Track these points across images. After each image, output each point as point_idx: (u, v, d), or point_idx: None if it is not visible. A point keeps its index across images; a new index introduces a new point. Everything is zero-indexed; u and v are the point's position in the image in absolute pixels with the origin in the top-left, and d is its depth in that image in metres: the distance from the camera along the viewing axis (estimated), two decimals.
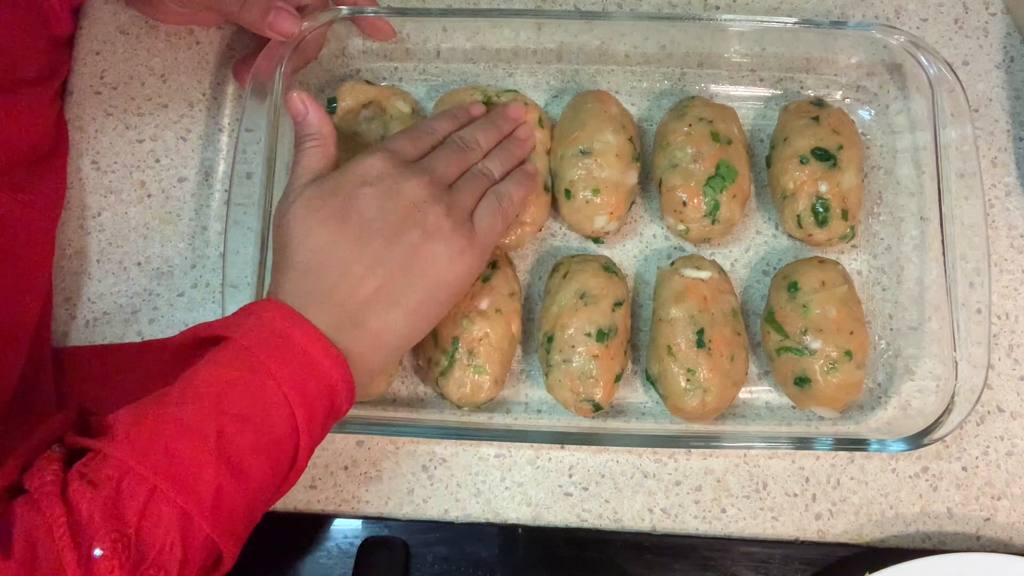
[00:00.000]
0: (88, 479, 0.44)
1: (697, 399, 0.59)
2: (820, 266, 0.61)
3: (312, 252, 0.52)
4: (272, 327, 0.50)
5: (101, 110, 0.68)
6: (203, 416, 0.47)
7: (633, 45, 0.68)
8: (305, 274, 0.52)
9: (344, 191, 0.54)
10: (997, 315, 0.65)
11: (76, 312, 0.65)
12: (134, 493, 0.44)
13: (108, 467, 0.45)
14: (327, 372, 0.50)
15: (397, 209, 0.53)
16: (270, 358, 0.48)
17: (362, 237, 0.53)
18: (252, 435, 0.47)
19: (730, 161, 0.62)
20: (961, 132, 0.61)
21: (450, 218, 0.55)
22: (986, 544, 0.61)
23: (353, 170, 0.55)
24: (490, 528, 0.61)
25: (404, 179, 0.54)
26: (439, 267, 0.54)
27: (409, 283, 0.53)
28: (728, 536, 0.61)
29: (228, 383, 0.48)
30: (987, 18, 0.70)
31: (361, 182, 0.54)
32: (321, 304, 0.51)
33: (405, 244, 0.53)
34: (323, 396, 0.50)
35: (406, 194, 0.54)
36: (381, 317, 0.53)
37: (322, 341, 0.50)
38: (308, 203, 0.54)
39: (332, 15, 0.64)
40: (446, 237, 0.54)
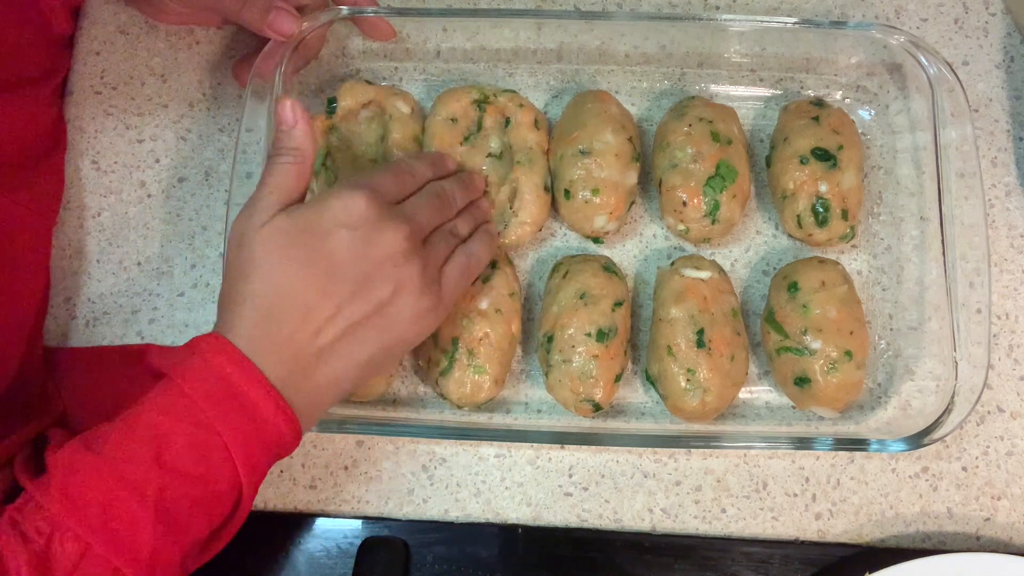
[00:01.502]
0: (20, 530, 0.44)
1: (697, 399, 0.59)
2: (820, 266, 0.61)
3: (274, 293, 0.49)
4: (221, 375, 0.47)
5: (101, 110, 0.68)
6: (142, 470, 0.45)
7: (633, 45, 0.68)
8: (264, 316, 0.49)
9: (319, 230, 0.50)
10: (997, 315, 0.65)
11: (76, 312, 0.65)
12: (66, 551, 0.43)
13: (41, 519, 0.44)
14: (276, 428, 0.48)
15: (372, 258, 0.50)
16: (216, 412, 0.47)
17: (330, 285, 0.49)
18: (192, 491, 0.46)
19: (730, 161, 0.62)
20: (961, 132, 0.61)
21: (423, 276, 0.52)
22: (986, 544, 0.61)
23: (332, 206, 0.51)
24: (490, 528, 0.61)
25: (384, 227, 0.51)
26: (402, 325, 0.52)
27: (368, 338, 0.51)
28: (728, 536, 0.61)
29: (170, 434, 0.46)
30: (987, 18, 0.70)
31: (339, 223, 0.50)
32: (275, 353, 0.49)
33: (373, 298, 0.50)
34: (269, 451, 0.48)
35: (384, 244, 0.51)
36: (332, 370, 0.50)
37: (273, 395, 0.48)
38: (277, 235, 0.50)
39: (332, 15, 0.64)
40: (415, 295, 0.52)
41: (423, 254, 0.53)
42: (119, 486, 0.45)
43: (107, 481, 0.45)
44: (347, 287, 0.50)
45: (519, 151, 0.64)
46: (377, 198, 0.52)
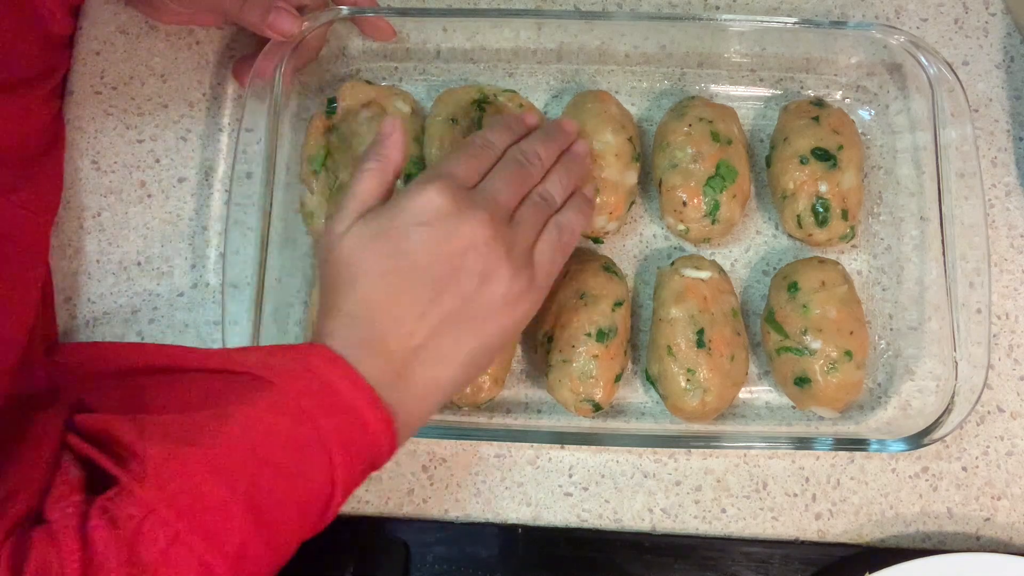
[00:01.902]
0: (110, 516, 0.43)
1: (697, 399, 0.59)
2: (820, 266, 0.61)
3: (361, 299, 0.49)
4: (320, 376, 0.47)
5: (101, 110, 0.68)
6: (237, 461, 0.45)
7: (633, 45, 0.68)
8: (354, 321, 0.49)
9: (397, 231, 0.49)
10: (997, 315, 0.65)
11: (76, 312, 0.65)
12: (155, 537, 0.43)
13: (132, 505, 0.43)
14: (373, 430, 0.47)
15: (453, 253, 0.49)
16: (316, 409, 0.46)
17: (413, 286, 0.49)
18: (286, 487, 0.45)
19: (730, 161, 0.62)
20: (961, 132, 0.61)
21: (510, 260, 0.50)
22: (986, 544, 0.61)
23: (408, 206, 0.50)
24: (490, 528, 0.61)
25: (463, 218, 0.49)
26: (494, 314, 0.50)
27: (461, 334, 0.50)
28: (728, 536, 0.61)
29: (268, 430, 0.45)
30: (987, 18, 0.70)
31: (416, 221, 0.49)
32: (370, 356, 0.48)
33: (459, 292, 0.49)
34: (365, 453, 0.47)
35: (464, 236, 0.49)
36: (429, 371, 0.49)
37: (371, 395, 0.47)
38: (360, 241, 0.50)
39: (332, 15, 0.64)
40: (505, 282, 0.50)
41: (508, 237, 0.51)
42: (213, 474, 0.44)
43: (202, 469, 0.44)
44: (430, 285, 0.49)
45: None
46: (450, 188, 0.50)
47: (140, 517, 0.43)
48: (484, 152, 0.54)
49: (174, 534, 0.43)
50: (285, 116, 0.64)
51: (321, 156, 0.64)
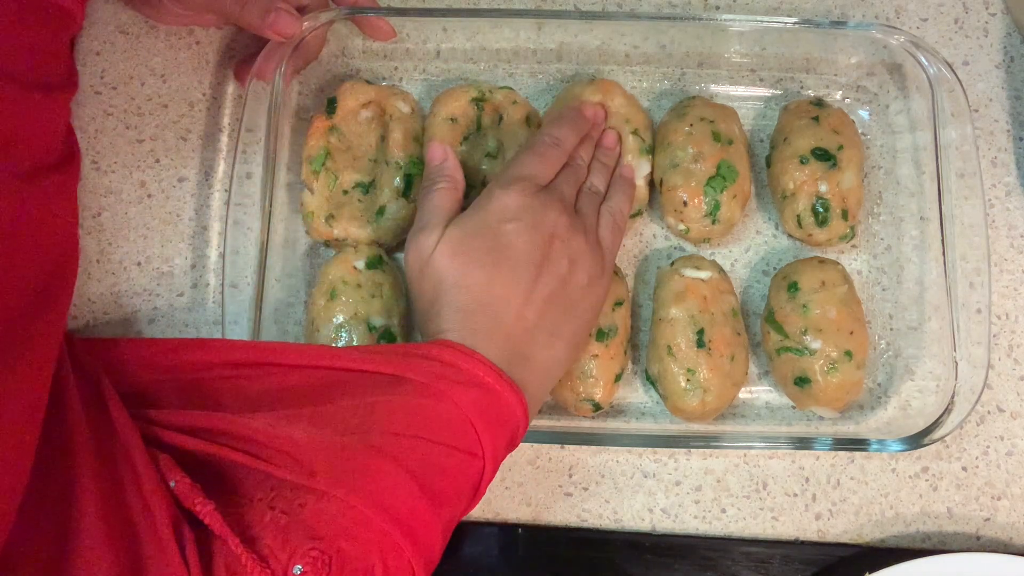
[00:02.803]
0: (281, 510, 0.44)
1: (697, 399, 0.59)
2: (820, 266, 0.61)
3: (470, 292, 0.53)
4: (449, 362, 0.50)
5: (101, 110, 0.69)
6: (392, 438, 0.46)
7: (633, 45, 0.68)
8: (469, 313, 0.52)
9: (490, 229, 0.54)
10: (997, 315, 0.65)
11: (76, 312, 0.65)
12: (333, 514, 0.44)
13: (303, 495, 0.44)
14: (508, 401, 0.50)
15: (542, 241, 0.54)
16: (453, 388, 0.48)
17: (515, 272, 0.53)
18: (444, 461, 0.47)
19: (731, 161, 0.62)
20: (961, 132, 0.61)
21: (587, 244, 0.56)
22: (986, 544, 0.61)
23: (493, 208, 0.55)
24: (490, 528, 0.61)
25: (544, 209, 0.55)
26: (585, 294, 0.56)
27: (563, 312, 0.55)
28: (728, 536, 0.61)
29: (412, 410, 0.47)
30: (987, 18, 0.70)
31: (504, 218, 0.54)
32: (490, 340, 0.52)
33: (555, 275, 0.54)
34: (504, 425, 0.50)
35: (548, 224, 0.55)
36: (545, 349, 0.54)
37: (499, 373, 0.50)
38: (455, 244, 0.54)
39: (332, 15, 0.64)
40: (588, 263, 0.56)
41: (580, 225, 0.57)
42: (374, 454, 0.45)
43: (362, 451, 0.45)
44: (530, 271, 0.54)
45: (510, 148, 0.64)
46: (528, 188, 0.55)
47: (313, 504, 0.44)
48: (554, 152, 0.59)
49: (350, 508, 0.44)
50: (285, 116, 0.64)
51: (321, 156, 0.64)
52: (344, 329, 0.60)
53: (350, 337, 0.60)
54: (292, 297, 0.65)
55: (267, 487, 0.45)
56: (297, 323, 0.64)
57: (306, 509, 0.44)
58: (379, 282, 0.62)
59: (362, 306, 0.60)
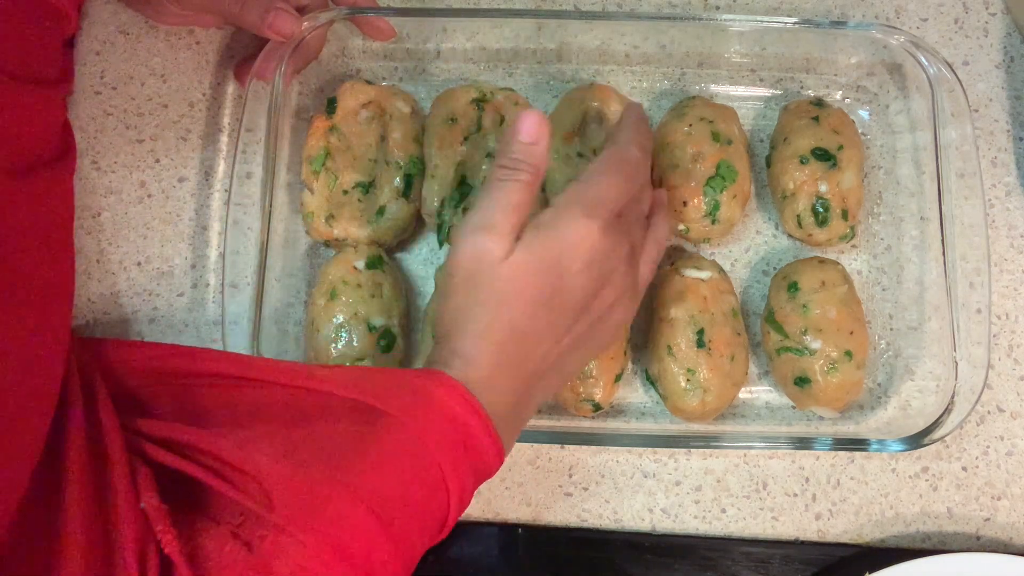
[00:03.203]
0: (243, 540, 0.43)
1: (697, 399, 0.59)
2: (820, 266, 0.61)
3: (509, 324, 0.49)
4: (438, 403, 0.47)
5: (101, 110, 0.69)
6: (358, 474, 0.45)
7: (633, 45, 0.68)
8: (501, 349, 0.49)
9: (560, 269, 0.50)
10: (997, 315, 0.65)
11: (76, 312, 0.65)
12: (289, 552, 0.43)
13: (262, 527, 0.44)
14: (487, 456, 0.48)
15: (598, 288, 0.52)
16: (429, 433, 0.46)
17: (561, 316, 0.51)
18: (407, 498, 0.46)
19: (731, 161, 0.62)
20: (961, 132, 0.61)
21: (634, 286, 0.54)
22: (986, 544, 0.61)
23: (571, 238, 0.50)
24: (490, 528, 0.61)
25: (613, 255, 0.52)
26: (612, 329, 0.54)
27: (582, 350, 0.53)
28: (728, 536, 0.61)
29: (385, 448, 0.46)
30: (987, 18, 0.70)
31: (576, 258, 0.50)
32: (509, 383, 0.50)
33: (590, 318, 0.52)
34: (478, 475, 0.49)
35: (608, 271, 0.52)
36: (547, 384, 0.52)
37: (489, 429, 0.48)
38: (520, 269, 0.49)
39: (332, 15, 0.64)
40: (627, 306, 0.54)
41: (634, 264, 0.54)
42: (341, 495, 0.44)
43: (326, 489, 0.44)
44: (575, 315, 0.51)
45: None
46: (608, 219, 0.51)
47: (272, 537, 0.43)
48: (639, 173, 0.55)
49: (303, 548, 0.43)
50: (285, 116, 0.64)
51: (321, 156, 0.64)
52: (344, 329, 0.60)
53: (350, 337, 0.60)
54: (292, 297, 0.65)
55: (236, 511, 0.45)
56: (297, 323, 0.64)
57: (265, 542, 0.43)
58: (379, 282, 0.61)
59: (362, 306, 0.60)
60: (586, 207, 0.51)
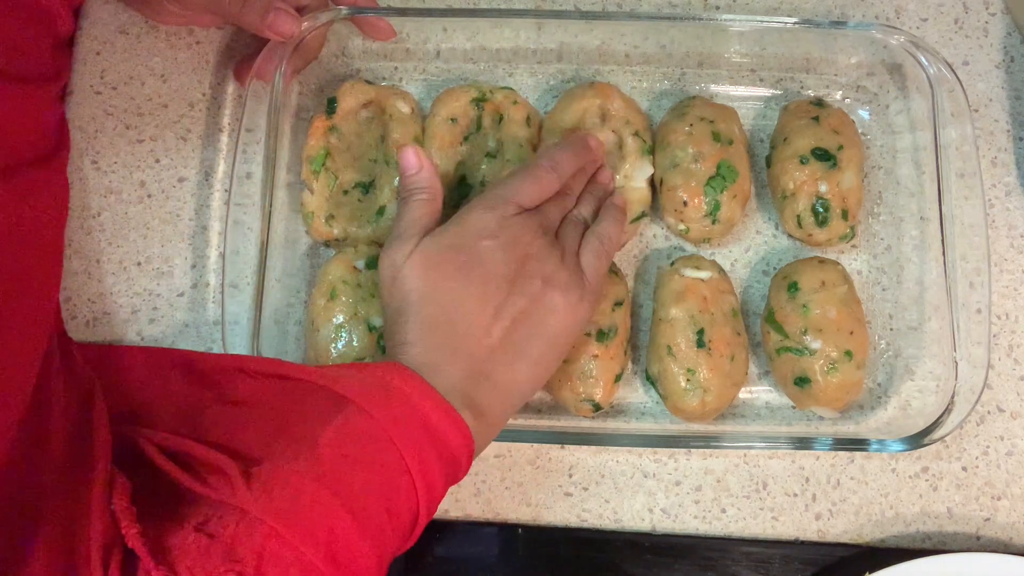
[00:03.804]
0: (207, 532, 0.44)
1: (697, 399, 0.59)
2: (820, 266, 0.61)
3: (439, 306, 0.52)
4: (400, 397, 0.49)
5: (101, 110, 0.68)
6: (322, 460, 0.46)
7: (633, 45, 0.68)
8: (433, 328, 0.52)
9: (465, 245, 0.54)
10: (997, 315, 0.65)
11: (76, 312, 0.65)
12: (253, 536, 0.44)
13: (228, 516, 0.45)
14: (454, 449, 0.49)
15: (516, 260, 0.54)
16: (398, 430, 0.48)
17: (486, 290, 0.53)
18: (372, 482, 0.47)
19: (731, 161, 0.62)
20: (961, 132, 0.61)
21: (565, 267, 0.55)
22: (986, 544, 0.61)
23: (472, 224, 0.54)
24: (490, 528, 0.61)
25: (521, 230, 0.55)
26: (558, 316, 0.54)
27: (531, 333, 0.54)
28: (728, 536, 0.61)
29: (347, 433, 0.47)
30: (987, 18, 0.70)
31: (481, 235, 0.54)
32: (452, 358, 0.51)
33: (526, 294, 0.54)
34: (442, 459, 0.49)
35: (523, 244, 0.54)
36: (508, 369, 0.53)
37: (445, 408, 0.49)
38: (429, 258, 0.53)
39: (332, 15, 0.64)
40: (563, 286, 0.55)
41: (559, 246, 0.56)
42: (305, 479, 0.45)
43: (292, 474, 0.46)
44: (501, 286, 0.53)
45: (510, 148, 0.64)
46: (511, 208, 0.55)
47: (234, 526, 0.44)
48: (549, 177, 0.58)
49: (264, 528, 0.44)
50: (285, 116, 0.64)
51: (321, 156, 0.64)
52: (344, 329, 0.60)
53: (350, 337, 0.60)
54: (292, 297, 0.65)
55: (201, 511, 0.46)
56: (297, 323, 0.64)
57: (228, 531, 0.44)
58: (379, 282, 0.61)
59: (362, 306, 0.60)
60: (486, 200, 0.56)
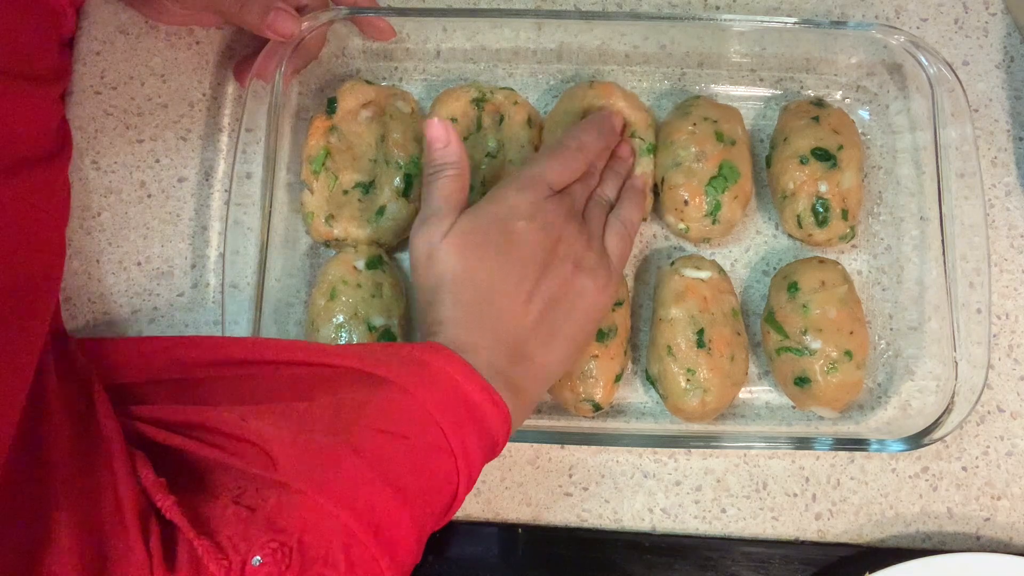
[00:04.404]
0: (245, 505, 0.44)
1: (697, 399, 0.59)
2: (820, 266, 0.61)
3: (476, 286, 0.53)
4: (439, 375, 0.49)
5: (101, 110, 0.68)
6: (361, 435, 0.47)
7: (633, 45, 0.68)
8: (471, 307, 0.53)
9: (501, 225, 0.54)
10: (997, 315, 0.65)
11: (76, 312, 0.65)
12: (295, 508, 0.44)
13: (267, 490, 0.45)
14: (486, 413, 0.49)
15: (550, 243, 0.55)
16: (428, 394, 0.48)
17: (522, 270, 0.54)
18: (412, 456, 0.47)
19: (733, 162, 0.62)
20: (961, 132, 0.61)
21: (592, 250, 0.57)
22: (986, 544, 0.61)
23: (507, 205, 0.55)
24: (490, 528, 0.61)
25: (554, 213, 0.56)
26: (587, 299, 0.56)
27: (564, 314, 0.55)
28: (728, 536, 0.61)
29: (386, 410, 0.48)
30: (987, 18, 0.70)
31: (516, 215, 0.55)
32: (491, 337, 0.52)
33: (559, 276, 0.55)
34: (481, 435, 0.49)
35: (557, 228, 0.55)
36: (544, 348, 0.54)
37: (483, 385, 0.49)
38: (466, 237, 0.54)
39: (332, 15, 0.64)
40: (592, 269, 0.56)
41: (587, 230, 0.57)
42: (342, 450, 0.46)
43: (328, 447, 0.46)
44: (536, 269, 0.54)
45: (511, 148, 0.64)
46: (543, 190, 0.56)
47: (275, 497, 0.44)
48: (577, 158, 0.59)
49: (306, 499, 0.44)
50: (285, 116, 0.64)
51: (321, 156, 0.64)
52: (344, 329, 0.60)
53: (350, 337, 0.60)
54: (292, 297, 0.65)
55: (234, 483, 0.46)
56: (297, 323, 0.64)
57: (269, 503, 0.44)
58: (379, 282, 0.62)
59: (362, 306, 0.60)
60: (519, 180, 0.56)
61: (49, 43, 0.61)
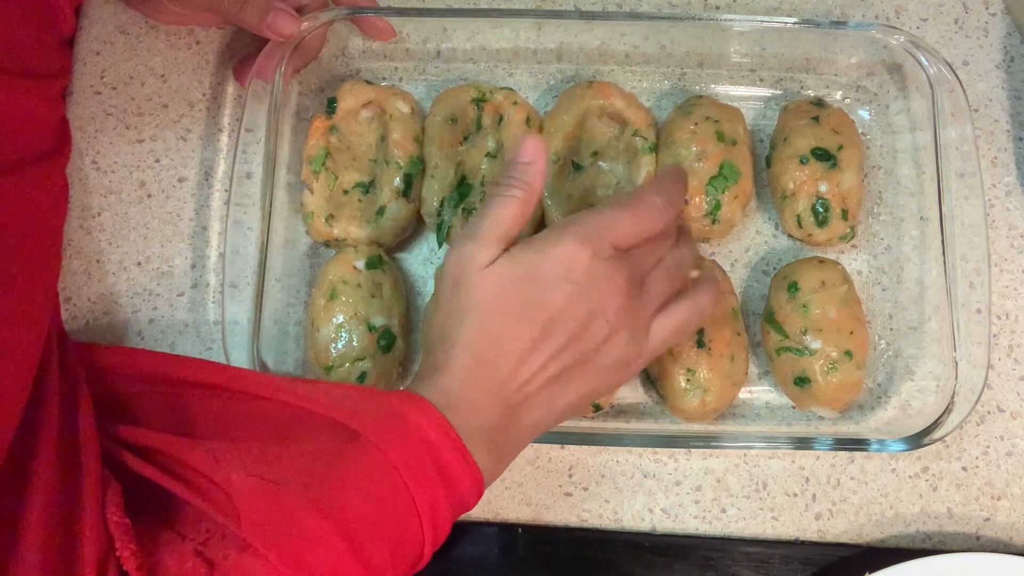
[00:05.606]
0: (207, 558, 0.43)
1: (697, 399, 0.59)
2: (820, 266, 0.61)
3: (489, 339, 0.49)
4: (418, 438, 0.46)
5: (101, 110, 0.69)
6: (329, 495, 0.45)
7: (633, 45, 0.68)
8: (478, 362, 0.49)
9: (540, 281, 0.49)
10: (997, 315, 0.65)
11: (76, 312, 0.65)
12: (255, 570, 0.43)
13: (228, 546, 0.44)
14: (462, 490, 0.48)
15: (585, 314, 0.50)
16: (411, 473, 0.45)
17: (544, 337, 0.49)
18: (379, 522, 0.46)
19: (734, 162, 0.62)
20: (961, 132, 0.61)
21: (632, 330, 0.51)
22: (986, 544, 0.61)
23: (559, 257, 0.49)
24: (490, 528, 0.61)
25: (605, 283, 0.50)
26: (604, 373, 0.51)
27: (569, 386, 0.51)
28: (728, 536, 0.61)
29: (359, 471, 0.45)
30: (987, 18, 0.70)
31: (563, 277, 0.49)
32: (485, 396, 0.49)
33: (579, 349, 0.50)
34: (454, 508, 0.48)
35: (599, 300, 0.50)
36: (534, 417, 0.50)
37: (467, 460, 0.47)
38: (503, 280, 0.49)
39: (332, 15, 0.64)
40: (622, 346, 0.51)
41: (636, 307, 0.51)
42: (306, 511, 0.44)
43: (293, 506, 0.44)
44: (559, 340, 0.49)
45: (510, 148, 0.64)
46: (605, 251, 0.50)
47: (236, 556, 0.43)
48: (656, 219, 0.52)
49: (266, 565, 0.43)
50: (285, 116, 0.64)
51: (321, 156, 0.64)
52: (344, 329, 0.60)
53: (350, 337, 0.60)
54: (292, 297, 0.65)
55: (202, 527, 0.45)
56: (297, 323, 0.64)
57: (229, 560, 0.43)
58: (379, 282, 0.61)
59: (362, 306, 0.60)
60: (581, 231, 0.50)
61: (47, 40, 0.61)
